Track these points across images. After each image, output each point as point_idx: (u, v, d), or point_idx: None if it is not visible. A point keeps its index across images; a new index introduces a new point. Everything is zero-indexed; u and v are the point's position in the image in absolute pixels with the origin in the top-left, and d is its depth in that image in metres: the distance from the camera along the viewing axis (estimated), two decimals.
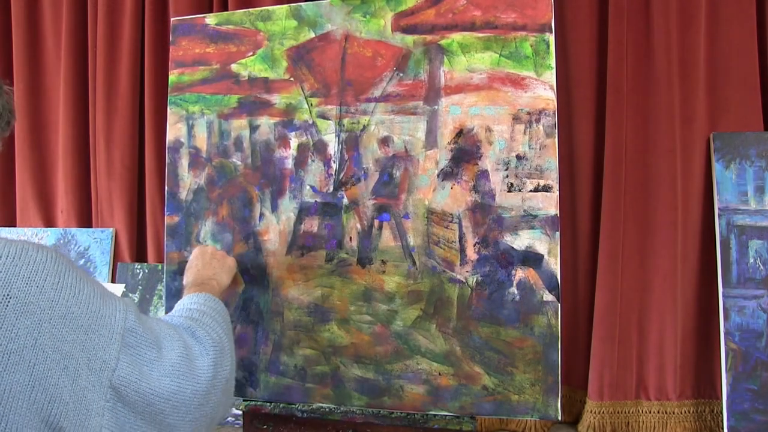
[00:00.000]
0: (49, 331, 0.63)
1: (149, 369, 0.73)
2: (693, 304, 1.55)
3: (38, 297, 0.63)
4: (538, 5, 1.24)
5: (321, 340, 1.33)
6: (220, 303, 1.01)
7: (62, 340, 0.64)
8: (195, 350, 0.83)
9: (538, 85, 1.23)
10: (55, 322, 0.64)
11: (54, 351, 0.63)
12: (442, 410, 1.26)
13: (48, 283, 0.64)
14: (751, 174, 1.48)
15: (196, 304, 0.97)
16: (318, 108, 1.37)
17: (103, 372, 0.67)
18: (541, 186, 1.23)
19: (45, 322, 0.63)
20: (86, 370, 0.65)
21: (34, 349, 0.61)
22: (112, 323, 0.70)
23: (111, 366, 0.68)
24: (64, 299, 0.65)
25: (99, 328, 0.68)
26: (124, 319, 0.72)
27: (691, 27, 1.54)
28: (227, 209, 1.42)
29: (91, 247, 2.00)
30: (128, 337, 0.72)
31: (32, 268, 0.64)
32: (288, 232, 1.37)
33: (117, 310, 0.72)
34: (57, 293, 0.65)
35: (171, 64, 1.48)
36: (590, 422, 1.58)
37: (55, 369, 0.63)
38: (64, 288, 0.66)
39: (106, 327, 0.69)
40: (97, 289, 0.71)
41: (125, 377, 0.70)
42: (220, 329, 0.91)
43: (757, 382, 1.42)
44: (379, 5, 1.33)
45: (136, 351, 0.72)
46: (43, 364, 0.62)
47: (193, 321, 0.90)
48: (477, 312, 1.24)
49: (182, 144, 1.47)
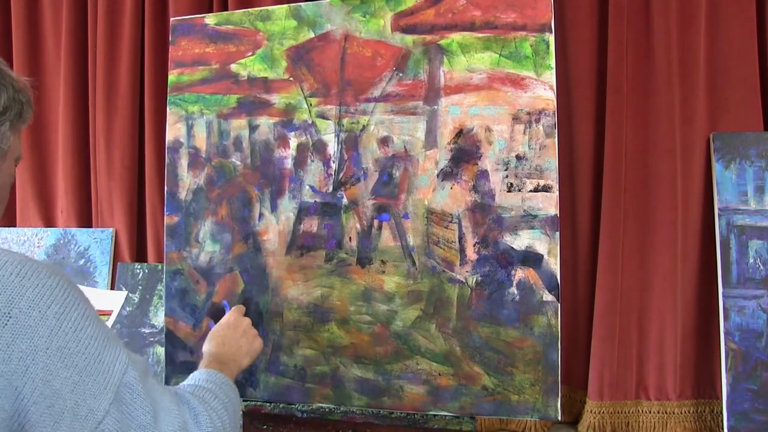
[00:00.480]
0: (42, 361, 0.60)
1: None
2: (693, 304, 1.55)
3: (38, 323, 0.60)
4: (537, 5, 1.24)
5: (321, 341, 1.33)
6: (236, 391, 0.94)
7: (54, 374, 0.60)
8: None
9: (538, 85, 1.23)
10: (50, 354, 0.60)
11: (44, 384, 0.60)
12: (442, 410, 1.26)
13: (51, 311, 0.62)
14: (751, 174, 1.48)
15: (211, 384, 0.89)
16: (317, 108, 1.37)
17: (87, 421, 0.62)
18: (540, 186, 1.22)
19: (40, 351, 0.60)
20: (70, 414, 0.61)
21: (23, 377, 0.59)
22: (110, 372, 0.65)
23: (97, 417, 0.63)
24: (64, 332, 0.62)
25: (94, 372, 0.64)
26: (124, 372, 0.67)
27: (691, 27, 1.54)
28: (227, 209, 1.42)
29: (91, 247, 2.00)
30: (124, 393, 0.66)
31: (38, 292, 0.61)
32: (287, 232, 1.37)
33: (118, 361, 0.67)
34: (58, 324, 0.62)
35: (170, 64, 1.48)
36: (590, 422, 1.58)
37: (40, 404, 0.59)
38: (66, 320, 0.63)
39: (102, 374, 0.64)
40: (102, 332, 0.67)
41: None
42: (227, 419, 0.84)
43: (757, 382, 1.41)
44: (379, 5, 1.33)
45: (129, 410, 0.66)
46: (29, 395, 0.59)
47: (202, 402, 0.82)
48: (477, 312, 1.24)
49: (182, 144, 1.47)
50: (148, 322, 1.85)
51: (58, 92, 2.10)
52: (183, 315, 1.45)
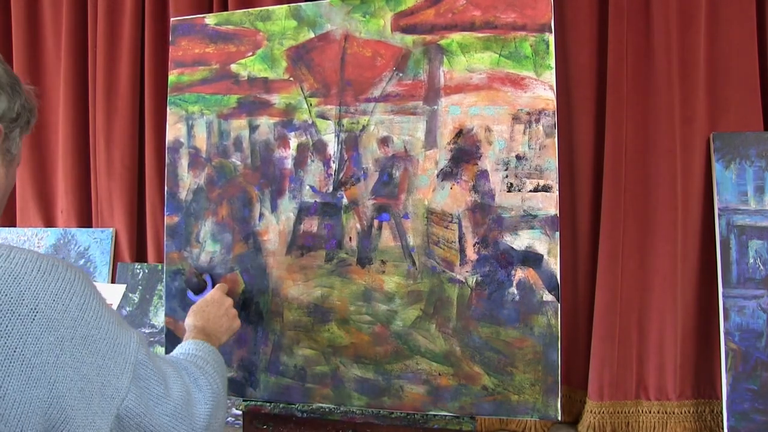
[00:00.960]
0: (69, 350, 0.64)
1: (154, 404, 0.75)
2: (693, 304, 1.55)
3: (63, 315, 0.64)
4: (537, 5, 1.24)
5: (321, 340, 1.33)
6: (222, 360, 1.02)
7: (81, 361, 0.65)
8: (195, 396, 0.84)
9: (538, 85, 1.23)
10: (75, 343, 0.65)
11: (74, 371, 0.64)
12: (442, 410, 1.26)
13: (73, 303, 0.65)
14: (751, 174, 1.48)
15: (201, 352, 0.98)
16: (317, 108, 1.37)
17: (113, 400, 0.69)
18: (540, 186, 1.22)
19: (66, 341, 0.64)
20: (99, 395, 0.67)
21: (55, 367, 0.62)
22: (127, 353, 0.71)
23: (121, 395, 0.70)
24: (86, 321, 0.66)
25: (115, 355, 0.69)
26: (137, 351, 0.73)
27: (691, 27, 1.54)
28: (227, 209, 1.43)
29: (91, 247, 2.00)
30: (140, 370, 0.73)
31: (60, 286, 0.65)
32: (288, 232, 1.37)
33: (131, 341, 0.73)
34: (81, 314, 0.66)
35: (171, 64, 1.48)
36: (590, 422, 1.58)
37: (73, 389, 0.64)
38: (87, 310, 0.67)
39: (121, 355, 0.70)
40: (114, 318, 0.72)
41: (131, 409, 0.71)
42: (220, 382, 0.93)
43: (757, 382, 1.41)
44: (379, 5, 1.33)
45: (146, 384, 0.74)
46: (63, 382, 0.63)
47: (197, 368, 0.91)
48: (477, 312, 1.24)
49: (182, 144, 1.47)
50: (149, 322, 1.85)
51: (58, 92, 2.10)
52: (183, 315, 1.44)
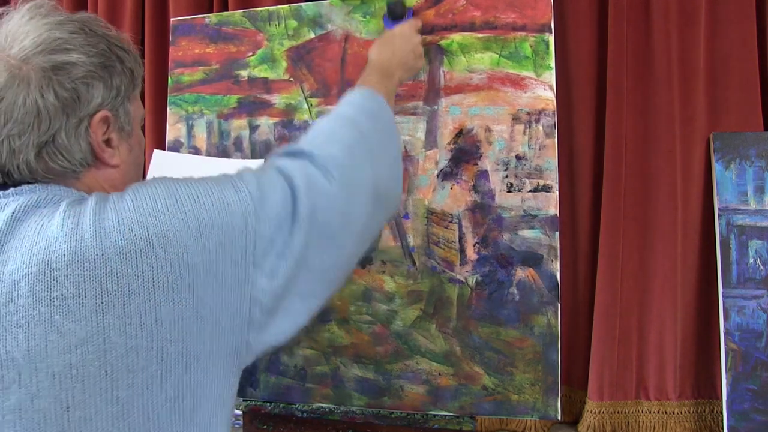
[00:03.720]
0: (194, 250, 0.62)
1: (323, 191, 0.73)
2: (693, 304, 1.55)
3: (171, 225, 0.62)
4: (537, 5, 1.24)
5: (321, 340, 1.33)
6: (391, 115, 0.92)
7: (206, 250, 0.63)
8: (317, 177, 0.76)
9: (538, 86, 1.23)
10: (195, 239, 0.63)
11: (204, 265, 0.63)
12: (442, 410, 1.26)
13: (171, 208, 0.63)
14: (751, 174, 1.48)
15: (367, 110, 0.88)
16: (318, 108, 1.37)
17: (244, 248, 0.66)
18: (540, 186, 1.23)
19: (189, 244, 0.62)
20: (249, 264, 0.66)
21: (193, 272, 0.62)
22: (241, 208, 0.67)
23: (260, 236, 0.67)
24: (192, 212, 0.64)
25: (229, 216, 0.66)
26: (250, 196, 0.68)
27: (691, 27, 1.54)
28: None
29: None
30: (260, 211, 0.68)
31: (152, 203, 0.63)
32: None
33: (238, 190, 0.68)
34: (181, 212, 0.63)
35: (171, 64, 1.49)
36: (590, 422, 1.58)
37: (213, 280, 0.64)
38: (185, 203, 0.64)
39: (236, 214, 0.66)
40: (210, 183, 0.68)
41: None
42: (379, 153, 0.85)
43: (757, 382, 1.42)
44: (380, 5, 1.33)
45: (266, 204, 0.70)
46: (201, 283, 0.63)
47: (354, 128, 0.83)
48: (477, 312, 1.24)
49: (182, 144, 1.47)
50: None
51: None
52: None
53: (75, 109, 0.67)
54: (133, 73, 0.76)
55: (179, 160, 1.01)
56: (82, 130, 0.68)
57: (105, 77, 0.70)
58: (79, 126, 0.68)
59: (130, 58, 0.75)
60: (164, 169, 1.02)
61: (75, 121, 0.67)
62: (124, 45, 0.75)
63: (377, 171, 0.83)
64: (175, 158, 1.02)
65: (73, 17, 0.70)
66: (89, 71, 0.68)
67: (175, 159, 1.02)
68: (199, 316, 0.63)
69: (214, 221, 0.65)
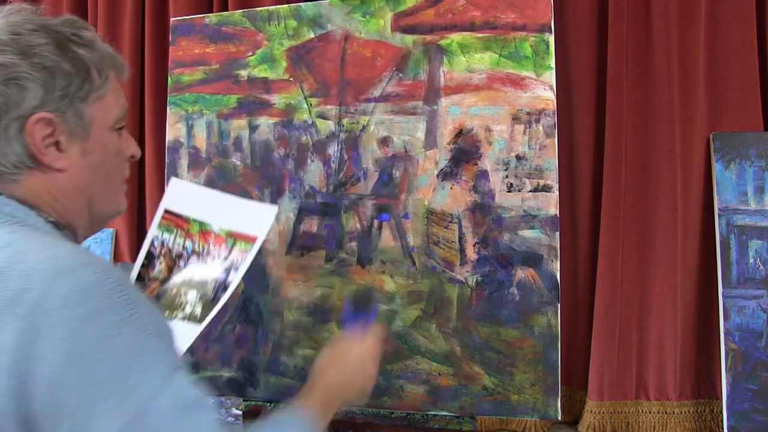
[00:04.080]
0: (55, 366, 0.53)
1: None
2: (693, 304, 1.55)
3: (62, 324, 0.54)
4: (537, 5, 1.24)
5: (321, 341, 1.33)
6: None
7: (63, 382, 0.53)
8: None
9: (538, 86, 1.23)
10: (66, 357, 0.53)
11: (50, 390, 0.53)
12: (442, 410, 1.26)
13: (78, 313, 0.54)
14: (751, 174, 1.48)
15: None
16: (317, 108, 1.37)
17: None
18: (540, 186, 1.23)
19: (58, 353, 0.53)
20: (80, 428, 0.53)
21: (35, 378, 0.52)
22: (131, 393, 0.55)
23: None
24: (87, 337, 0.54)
25: (112, 391, 0.54)
26: (149, 398, 0.55)
27: (691, 27, 1.54)
28: None
29: (91, 248, 2.00)
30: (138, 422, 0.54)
31: (72, 289, 0.55)
32: (287, 232, 1.37)
33: (147, 383, 0.55)
34: (82, 327, 0.54)
35: (171, 64, 1.49)
36: (590, 422, 1.58)
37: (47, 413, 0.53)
38: (93, 325, 0.55)
39: (120, 394, 0.54)
40: (141, 347, 0.57)
41: None
42: None
43: (757, 382, 1.41)
44: (379, 5, 1.33)
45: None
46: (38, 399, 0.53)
47: None
48: (477, 312, 1.24)
49: (182, 144, 1.47)
50: None
51: None
52: None
53: (2, 110, 0.65)
54: (92, 73, 0.69)
55: (194, 192, 0.98)
56: (13, 132, 0.65)
57: (45, 78, 0.66)
58: (8, 128, 0.65)
59: (95, 57, 0.70)
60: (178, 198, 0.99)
61: (4, 122, 0.65)
62: (90, 45, 0.70)
63: None
64: (191, 189, 0.99)
65: (34, 20, 0.68)
66: (22, 72, 0.65)
67: (189, 190, 0.99)
68: None
69: None
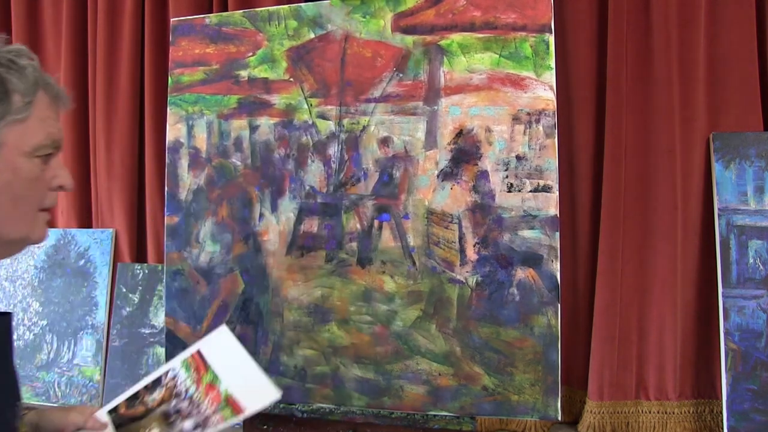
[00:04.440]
0: None
1: None
2: (693, 304, 1.55)
3: None
4: (537, 6, 1.24)
5: (321, 341, 1.33)
6: None
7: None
8: None
9: (538, 86, 1.23)
10: None
11: None
12: (442, 410, 1.26)
13: None
14: (751, 174, 1.48)
15: None
16: (318, 108, 1.37)
17: None
18: (540, 186, 1.23)
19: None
20: None
21: None
22: None
23: None
24: None
25: None
26: None
27: (691, 27, 1.54)
28: (227, 209, 1.43)
29: (91, 248, 2.00)
30: None
31: None
32: (288, 232, 1.37)
33: None
34: None
35: (171, 65, 1.48)
36: (590, 422, 1.58)
37: None
38: None
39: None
40: None
41: None
42: None
43: (757, 382, 1.41)
44: (379, 6, 1.33)
45: None
46: None
47: None
48: (477, 312, 1.24)
49: (182, 144, 1.47)
50: (148, 322, 1.85)
51: None
52: (183, 315, 1.45)
53: None
54: (11, 96, 0.67)
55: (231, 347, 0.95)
56: None
57: None
58: None
59: (21, 82, 0.68)
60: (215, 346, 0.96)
61: None
62: (20, 71, 0.68)
63: None
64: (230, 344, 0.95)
65: None
66: None
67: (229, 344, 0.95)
68: None
69: None
